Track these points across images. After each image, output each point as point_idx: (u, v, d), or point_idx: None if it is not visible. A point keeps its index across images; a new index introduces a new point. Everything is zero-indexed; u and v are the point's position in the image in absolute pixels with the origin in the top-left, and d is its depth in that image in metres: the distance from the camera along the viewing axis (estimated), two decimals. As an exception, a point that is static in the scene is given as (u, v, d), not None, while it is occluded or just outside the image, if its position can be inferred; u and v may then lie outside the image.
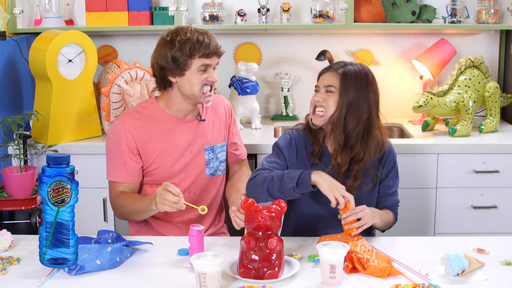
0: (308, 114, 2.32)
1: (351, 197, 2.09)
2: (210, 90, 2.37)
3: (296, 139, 2.33)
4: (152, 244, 2.09)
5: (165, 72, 2.34)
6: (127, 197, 2.33)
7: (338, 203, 2.08)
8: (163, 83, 2.38)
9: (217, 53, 2.35)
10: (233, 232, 2.54)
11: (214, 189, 2.50)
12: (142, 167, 2.39)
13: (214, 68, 2.36)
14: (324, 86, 2.25)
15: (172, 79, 2.35)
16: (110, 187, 2.39)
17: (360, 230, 2.09)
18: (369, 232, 2.41)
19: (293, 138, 2.33)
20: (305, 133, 2.33)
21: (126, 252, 1.99)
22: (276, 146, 2.34)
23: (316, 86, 2.30)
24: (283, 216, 1.92)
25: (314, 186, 2.10)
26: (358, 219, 2.09)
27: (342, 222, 2.09)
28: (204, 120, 2.45)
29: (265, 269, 1.84)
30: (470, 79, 3.27)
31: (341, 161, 2.26)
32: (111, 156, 2.38)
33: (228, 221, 2.60)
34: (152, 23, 3.45)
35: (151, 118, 2.39)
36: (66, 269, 1.86)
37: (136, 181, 2.39)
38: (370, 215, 2.11)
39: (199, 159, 2.44)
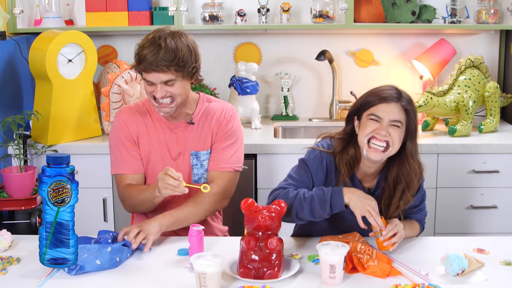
0: (330, 137, 2.19)
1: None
2: (170, 102, 2.23)
3: (328, 160, 2.15)
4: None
5: None
6: (134, 188, 2.32)
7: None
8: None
9: (157, 70, 2.16)
10: (233, 232, 2.54)
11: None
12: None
13: (168, 84, 2.20)
14: (390, 120, 2.05)
15: None
16: (116, 181, 2.38)
17: (396, 245, 2.04)
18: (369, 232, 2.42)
19: (324, 159, 2.15)
20: (331, 157, 2.15)
21: (126, 252, 1.99)
22: (304, 163, 2.17)
23: (375, 116, 2.06)
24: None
25: (346, 206, 2.02)
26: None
27: (380, 239, 2.01)
28: (193, 124, 2.38)
29: (265, 269, 1.84)
30: (470, 79, 3.27)
31: (391, 192, 2.12)
32: (113, 150, 2.38)
33: (228, 223, 2.60)
34: (152, 23, 3.44)
35: (147, 114, 2.39)
36: (66, 269, 1.86)
37: (140, 171, 2.37)
38: (403, 229, 2.06)
39: (184, 163, 2.39)
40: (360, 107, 2.12)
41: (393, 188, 2.12)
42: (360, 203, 2.00)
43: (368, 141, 2.07)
